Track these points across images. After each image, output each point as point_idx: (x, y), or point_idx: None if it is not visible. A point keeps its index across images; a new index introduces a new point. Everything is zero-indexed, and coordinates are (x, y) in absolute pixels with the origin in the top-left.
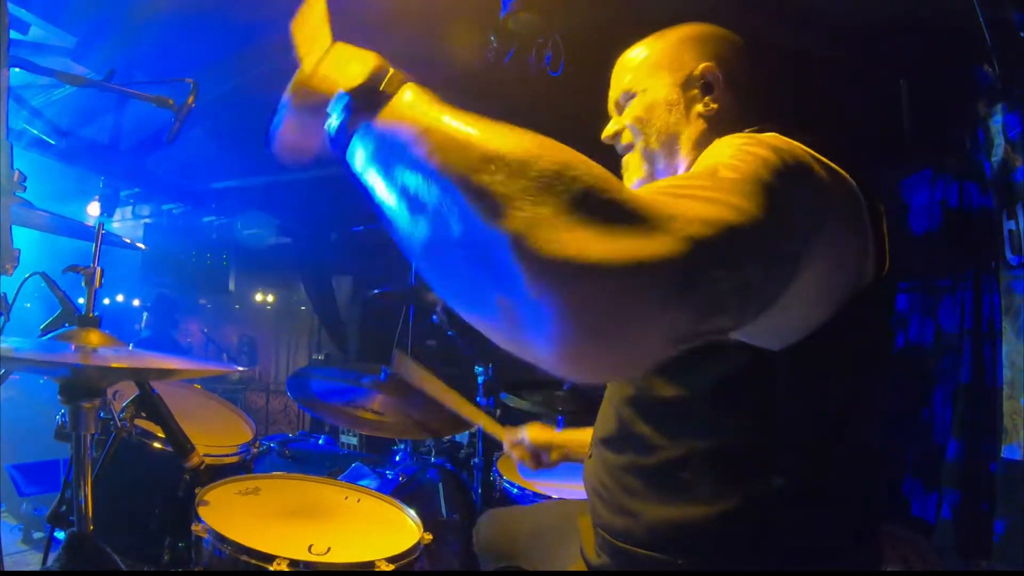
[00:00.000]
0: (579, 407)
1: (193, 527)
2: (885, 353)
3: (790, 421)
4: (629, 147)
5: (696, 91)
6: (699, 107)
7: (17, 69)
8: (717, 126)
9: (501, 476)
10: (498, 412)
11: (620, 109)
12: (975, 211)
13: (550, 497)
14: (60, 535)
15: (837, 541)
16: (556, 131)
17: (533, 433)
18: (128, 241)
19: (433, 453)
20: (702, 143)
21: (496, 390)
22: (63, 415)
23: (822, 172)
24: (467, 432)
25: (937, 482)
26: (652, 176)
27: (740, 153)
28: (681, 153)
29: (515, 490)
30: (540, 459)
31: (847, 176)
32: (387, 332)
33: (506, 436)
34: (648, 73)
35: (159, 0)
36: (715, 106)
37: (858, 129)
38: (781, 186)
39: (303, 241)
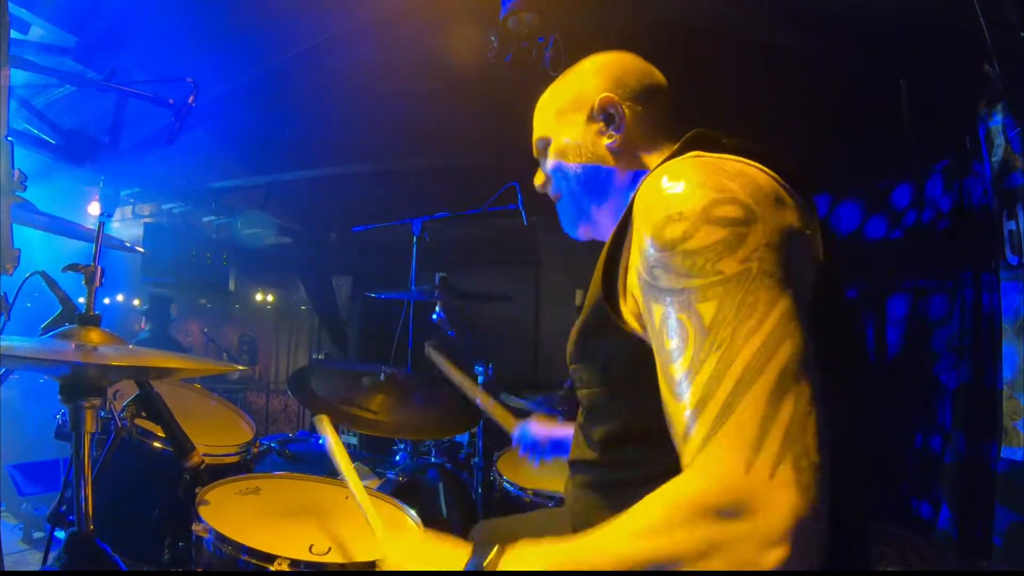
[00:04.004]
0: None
1: (194, 527)
2: (847, 348)
3: None
4: (558, 196)
5: (601, 124)
6: (605, 140)
7: (17, 69)
8: (627, 155)
9: (501, 476)
10: None
11: (541, 155)
12: (975, 211)
13: (550, 498)
14: (60, 535)
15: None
16: None
17: (534, 427)
18: (128, 244)
19: (433, 453)
20: (618, 176)
21: (496, 390)
22: (63, 415)
23: (757, 184)
24: (467, 432)
25: (937, 482)
26: (588, 219)
27: (694, 271)
28: (604, 192)
29: (515, 490)
30: (539, 453)
31: (774, 176)
32: (387, 332)
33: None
34: (556, 117)
35: (159, 0)
36: (619, 136)
37: (858, 130)
38: (749, 264)
39: (303, 241)
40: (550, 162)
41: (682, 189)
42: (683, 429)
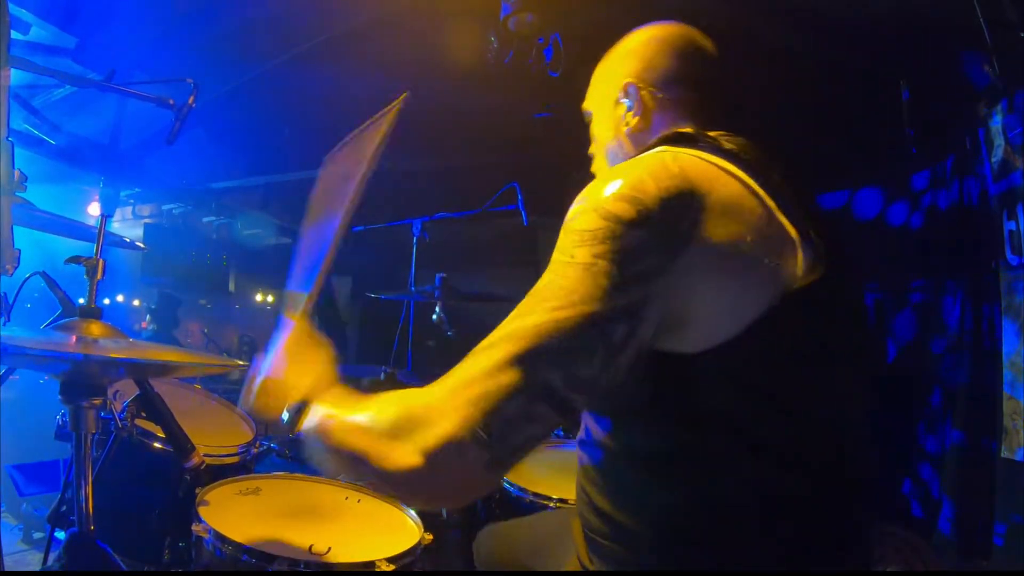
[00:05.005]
0: None
1: (194, 527)
2: (832, 352)
3: (717, 422)
4: (597, 167)
5: (623, 106)
6: (623, 124)
7: (17, 69)
8: (638, 141)
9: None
10: None
11: (589, 124)
12: (975, 211)
13: (550, 499)
14: (60, 535)
15: (777, 544)
16: (554, 130)
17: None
18: (128, 240)
19: None
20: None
21: None
22: (63, 415)
23: (691, 187)
24: None
25: (937, 482)
26: None
27: (560, 247)
28: None
29: (515, 491)
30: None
31: (745, 177)
32: (387, 332)
33: None
34: (597, 91)
35: (159, 0)
36: (636, 121)
37: (858, 130)
38: (598, 260)
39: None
40: (591, 132)
41: (608, 178)
42: None
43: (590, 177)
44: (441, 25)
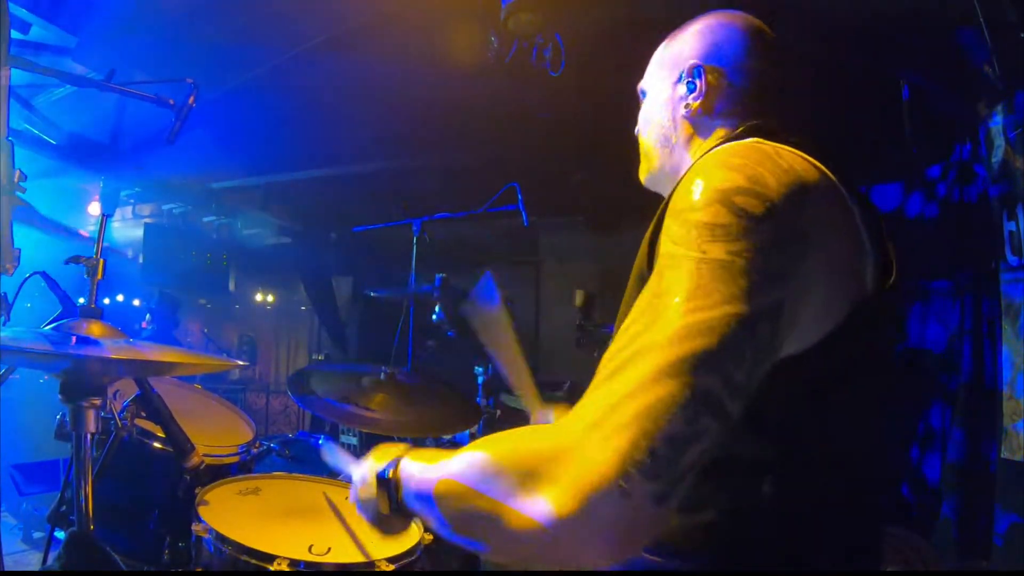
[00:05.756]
0: None
1: (194, 527)
2: (887, 362)
3: (780, 427)
4: (641, 143)
5: (684, 89)
6: (682, 107)
7: (17, 69)
8: (700, 126)
9: None
10: (498, 412)
11: (642, 100)
12: (975, 211)
13: None
14: (60, 535)
15: (832, 550)
16: (554, 130)
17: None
18: (118, 249)
19: None
20: (685, 143)
21: (496, 390)
22: (63, 415)
23: (803, 183)
24: (467, 432)
25: (937, 482)
26: (654, 171)
27: (684, 241)
28: (673, 155)
29: None
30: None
31: (835, 179)
32: (387, 332)
33: None
34: (656, 70)
35: (159, 0)
36: (696, 105)
37: (859, 130)
38: (735, 258)
39: (303, 241)
40: (643, 110)
41: (718, 167)
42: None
43: (590, 177)
44: (441, 24)
